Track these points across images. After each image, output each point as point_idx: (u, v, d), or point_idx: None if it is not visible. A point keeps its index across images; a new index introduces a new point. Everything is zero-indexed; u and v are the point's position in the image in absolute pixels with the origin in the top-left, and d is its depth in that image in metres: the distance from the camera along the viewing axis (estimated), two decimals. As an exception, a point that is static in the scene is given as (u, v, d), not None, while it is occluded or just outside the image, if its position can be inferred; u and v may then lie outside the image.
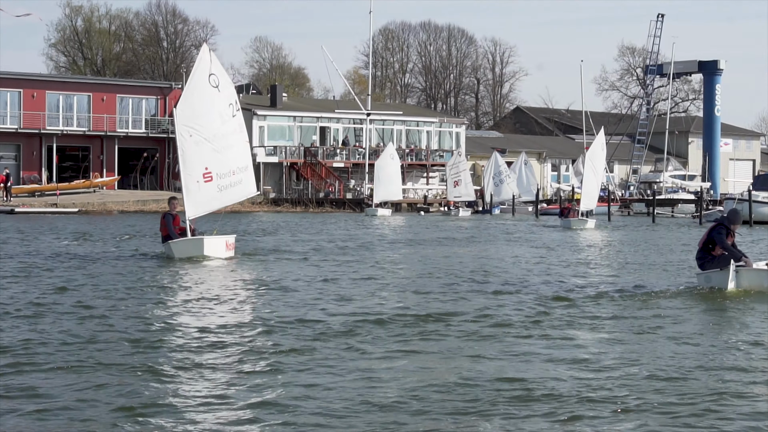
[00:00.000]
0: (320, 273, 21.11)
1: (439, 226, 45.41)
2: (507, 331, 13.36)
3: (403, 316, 14.45)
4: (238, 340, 12.21)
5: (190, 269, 21.43)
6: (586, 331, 13.51)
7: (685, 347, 12.29)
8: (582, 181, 46.07)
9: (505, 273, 21.99)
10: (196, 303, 15.73)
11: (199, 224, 25.16)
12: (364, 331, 12.97)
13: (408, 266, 23.43)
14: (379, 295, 17.02)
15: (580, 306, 16.09)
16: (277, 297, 16.63)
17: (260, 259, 24.71)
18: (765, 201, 52.64)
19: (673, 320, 14.64)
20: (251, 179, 25.22)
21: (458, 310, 15.20)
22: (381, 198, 62.42)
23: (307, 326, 13.32)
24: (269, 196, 70.50)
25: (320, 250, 28.32)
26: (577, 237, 37.25)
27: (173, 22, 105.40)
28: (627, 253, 30.02)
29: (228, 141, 24.37)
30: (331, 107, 79.25)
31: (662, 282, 20.50)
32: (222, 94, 24.46)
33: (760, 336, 13.18)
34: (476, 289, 18.38)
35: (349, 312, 14.70)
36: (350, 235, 37.74)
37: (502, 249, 30.60)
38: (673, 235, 42.16)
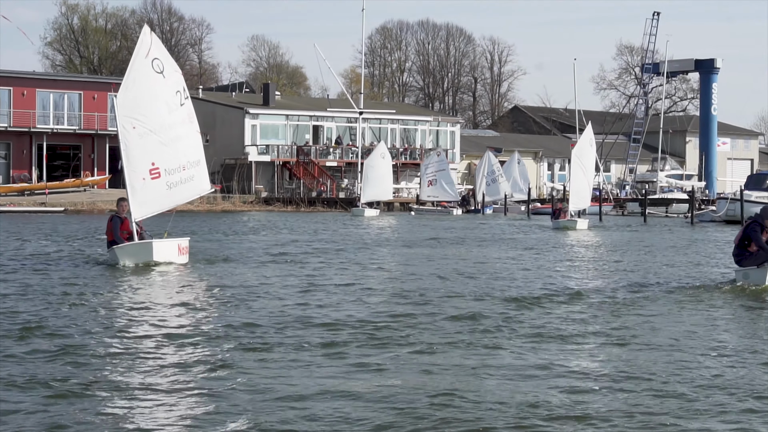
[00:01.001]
0: (278, 279, 19.62)
1: (425, 227, 44.68)
2: (470, 339, 12.83)
3: (360, 323, 13.91)
4: (177, 358, 11.19)
5: (135, 277, 19.51)
6: (555, 341, 12.98)
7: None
8: (570, 180, 44.46)
9: (471, 279, 21.43)
10: (135, 314, 14.45)
11: (150, 226, 23.36)
12: (318, 341, 12.26)
13: (373, 272, 22.12)
14: (337, 304, 16.06)
15: (552, 311, 15.58)
16: (228, 307, 15.40)
17: (216, 264, 22.79)
18: (757, 201, 51.96)
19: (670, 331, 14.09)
20: (204, 175, 23.06)
21: (413, 322, 14.63)
22: (369, 198, 60.87)
23: (257, 336, 12.52)
24: (261, 196, 70.00)
25: (286, 253, 26.54)
26: (561, 239, 36.45)
27: (169, 21, 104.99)
28: (606, 257, 29.43)
29: (176, 132, 22.12)
30: (325, 106, 78.75)
31: (627, 290, 19.94)
32: (168, 80, 22.22)
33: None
34: (434, 297, 17.82)
35: (302, 322, 13.80)
36: (329, 237, 37.17)
37: (475, 251, 30.01)
38: (661, 236, 41.59)
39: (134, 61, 22.18)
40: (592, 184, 46.15)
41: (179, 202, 22.99)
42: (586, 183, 44.57)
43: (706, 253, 29.88)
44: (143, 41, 22.33)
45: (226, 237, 35.22)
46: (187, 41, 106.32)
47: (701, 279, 21.21)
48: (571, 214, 44.08)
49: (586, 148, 44.77)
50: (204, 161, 23.22)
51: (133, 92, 21.90)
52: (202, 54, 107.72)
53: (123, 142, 21.68)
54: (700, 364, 11.36)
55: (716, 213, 53.70)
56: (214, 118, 75.27)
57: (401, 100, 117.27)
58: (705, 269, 24.06)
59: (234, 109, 74.32)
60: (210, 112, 75.56)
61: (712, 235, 42.16)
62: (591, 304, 16.62)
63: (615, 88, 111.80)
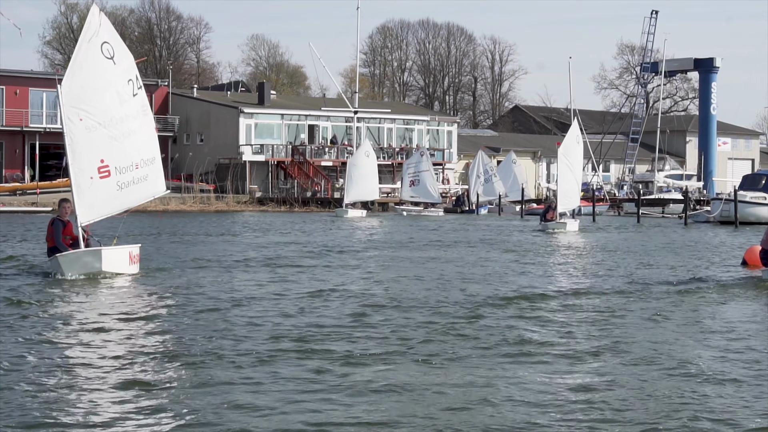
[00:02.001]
0: (237, 290, 17.98)
1: (409, 228, 43.96)
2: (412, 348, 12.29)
3: (322, 332, 13.41)
4: (120, 378, 10.18)
5: (80, 290, 17.29)
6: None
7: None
8: (557, 180, 42.90)
9: (440, 284, 20.91)
10: (76, 332, 13.08)
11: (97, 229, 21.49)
12: (275, 355, 11.62)
13: (337, 280, 20.46)
14: (298, 314, 15.13)
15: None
16: (176, 323, 14.02)
17: (170, 273, 20.74)
18: (753, 201, 51.38)
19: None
20: (159, 174, 20.69)
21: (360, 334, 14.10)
22: (354, 198, 59.06)
23: (208, 355, 11.51)
24: (255, 196, 69.50)
25: (250, 259, 24.73)
26: (546, 241, 35.55)
27: (167, 20, 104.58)
28: (582, 262, 28.88)
29: (129, 126, 19.85)
30: (321, 105, 78.22)
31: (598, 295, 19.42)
32: (119, 67, 19.83)
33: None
34: (401, 305, 17.32)
35: (256, 337, 12.80)
36: (306, 240, 36.67)
37: (449, 254, 29.44)
38: (650, 237, 41.03)
39: (81, 44, 19.58)
40: (580, 183, 44.62)
41: (131, 205, 20.54)
42: (574, 182, 42.94)
43: (690, 255, 29.29)
44: (91, 23, 19.70)
45: (207, 238, 34.74)
46: (186, 40, 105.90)
47: (672, 281, 20.69)
48: (559, 215, 42.54)
49: (572, 145, 43.01)
50: (159, 159, 20.92)
51: (79, 79, 19.44)
52: (200, 53, 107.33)
53: (68, 136, 19.27)
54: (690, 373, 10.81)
55: (711, 214, 53.08)
56: (208, 117, 74.86)
57: (402, 100, 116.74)
58: (676, 272, 23.51)
59: (229, 109, 73.83)
60: (204, 111, 75.20)
61: (703, 236, 41.54)
62: (555, 310, 16.11)
63: (616, 88, 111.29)
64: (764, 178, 53.49)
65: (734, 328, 14.48)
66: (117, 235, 21.14)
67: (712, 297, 18.33)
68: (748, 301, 18.04)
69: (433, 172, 63.89)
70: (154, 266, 21.88)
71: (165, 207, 64.50)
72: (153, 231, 37.73)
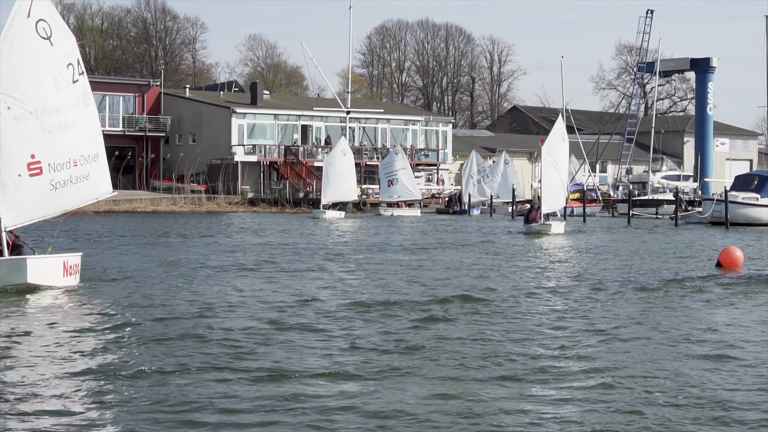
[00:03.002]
0: (184, 303, 16.34)
1: (385, 230, 43.02)
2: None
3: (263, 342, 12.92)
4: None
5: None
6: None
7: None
8: (541, 180, 41.41)
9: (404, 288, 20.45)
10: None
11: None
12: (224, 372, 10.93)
13: (299, 288, 19.25)
14: (247, 327, 14.14)
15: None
16: (103, 345, 12.42)
17: (115, 285, 18.59)
18: (744, 202, 50.75)
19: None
20: (104, 173, 18.28)
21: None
22: (331, 198, 57.26)
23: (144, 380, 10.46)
24: (247, 196, 69.01)
25: (210, 266, 23.25)
26: (526, 244, 34.68)
27: (163, 20, 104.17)
28: (559, 267, 28.38)
29: (66, 117, 17.50)
30: (314, 106, 77.70)
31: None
32: (57, 49, 17.53)
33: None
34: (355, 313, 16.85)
35: (199, 358, 11.62)
36: (279, 242, 36.22)
37: (419, 257, 28.96)
38: (638, 239, 40.49)
39: (12, 21, 17.22)
40: (566, 182, 43.06)
41: (68, 208, 18.09)
42: (559, 181, 41.28)
43: (668, 257, 28.77)
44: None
45: (182, 240, 34.35)
46: (182, 41, 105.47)
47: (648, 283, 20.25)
48: (545, 217, 40.69)
49: (557, 143, 41.21)
50: (104, 156, 18.46)
51: (8, 61, 17.07)
52: (196, 53, 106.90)
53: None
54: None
55: (702, 214, 52.46)
56: (200, 117, 74.41)
57: (400, 101, 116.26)
58: (648, 275, 23.00)
59: (221, 109, 73.35)
60: (197, 111, 74.75)
61: (690, 237, 40.93)
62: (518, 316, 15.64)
63: (614, 88, 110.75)
64: (757, 179, 52.83)
65: (696, 331, 14.02)
66: (51, 242, 18.85)
67: (682, 300, 17.91)
68: (717, 304, 17.57)
69: (410, 169, 63.06)
70: (99, 277, 19.79)
71: (155, 208, 64.17)
72: (122, 234, 37.32)
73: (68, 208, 18.10)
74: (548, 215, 41.22)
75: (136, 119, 73.60)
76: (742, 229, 47.34)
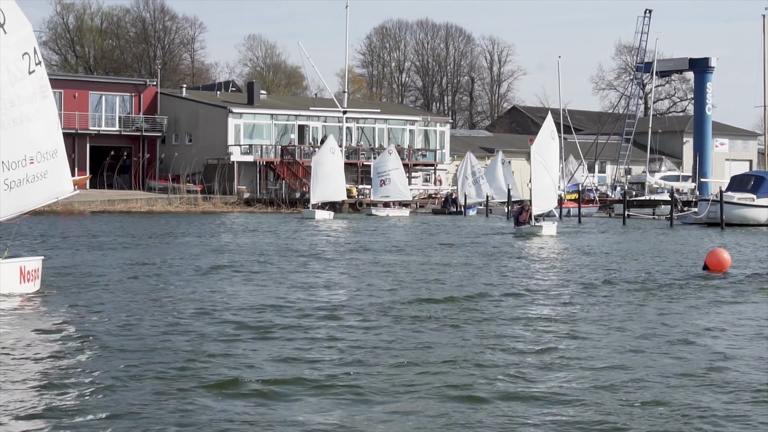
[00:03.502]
0: (143, 309, 15.56)
1: (374, 231, 42.64)
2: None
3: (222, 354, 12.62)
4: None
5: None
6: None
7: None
8: (531, 180, 40.39)
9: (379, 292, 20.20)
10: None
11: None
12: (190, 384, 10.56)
13: (272, 292, 18.57)
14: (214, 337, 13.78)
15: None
16: (63, 357, 11.63)
17: (77, 293, 17.35)
18: (740, 202, 50.46)
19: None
20: (64, 171, 17.06)
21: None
22: (320, 198, 56.70)
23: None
24: (243, 196, 68.77)
25: (174, 270, 22.19)
26: (515, 247, 34.05)
27: (162, 20, 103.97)
28: (543, 266, 28.09)
29: (22, 111, 16.27)
30: (315, 106, 77.45)
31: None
32: (11, 37, 16.26)
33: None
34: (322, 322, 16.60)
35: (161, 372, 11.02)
36: (265, 242, 35.99)
37: (395, 258, 28.68)
38: (631, 240, 40.21)
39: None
40: (557, 182, 41.83)
41: (25, 208, 16.79)
42: (550, 181, 39.58)
43: (658, 259, 28.52)
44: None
45: (163, 241, 34.11)
46: (180, 40, 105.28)
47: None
48: (535, 219, 39.31)
49: (546, 142, 39.73)
50: (63, 152, 17.14)
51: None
52: (194, 53, 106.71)
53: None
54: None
55: (698, 215, 52.17)
56: (197, 117, 74.18)
57: (400, 101, 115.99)
58: (635, 275, 22.75)
59: (217, 108, 73.12)
60: (193, 111, 74.53)
61: (684, 238, 40.67)
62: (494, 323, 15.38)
63: (614, 88, 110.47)
64: (753, 179, 52.49)
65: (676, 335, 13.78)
66: (7, 246, 17.28)
67: (660, 303, 17.68)
68: (699, 308, 17.32)
69: (402, 169, 62.59)
70: (63, 282, 18.69)
71: (150, 208, 63.95)
72: (105, 235, 37.09)
73: (25, 209, 16.83)
74: (540, 216, 40.25)
75: (133, 119, 73.39)
76: (738, 230, 47.06)
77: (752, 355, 12.45)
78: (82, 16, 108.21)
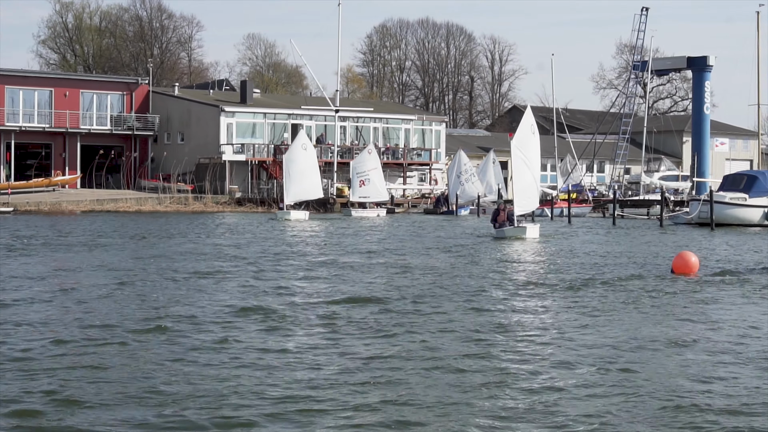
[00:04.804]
0: (78, 318, 14.79)
1: (348, 232, 41.78)
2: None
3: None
4: None
5: None
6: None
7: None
8: (512, 178, 38.07)
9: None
10: None
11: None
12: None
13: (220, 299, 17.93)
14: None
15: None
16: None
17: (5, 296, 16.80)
18: (732, 202, 49.63)
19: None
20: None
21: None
22: (294, 197, 54.55)
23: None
24: (234, 196, 68.13)
25: (111, 274, 21.30)
26: (491, 251, 32.71)
27: (159, 18, 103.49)
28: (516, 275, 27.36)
29: None
30: (307, 104, 76.82)
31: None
32: None
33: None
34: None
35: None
36: (228, 245, 35.35)
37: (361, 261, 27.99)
38: (616, 241, 39.41)
39: None
40: (539, 180, 38.35)
41: None
42: (531, 179, 36.71)
43: (631, 262, 27.78)
44: None
45: (128, 242, 33.56)
46: (178, 39, 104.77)
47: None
48: (517, 220, 36.79)
49: (527, 137, 37.00)
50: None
51: None
52: (192, 52, 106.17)
53: None
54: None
55: (689, 215, 51.35)
56: (189, 116, 73.60)
57: (401, 100, 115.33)
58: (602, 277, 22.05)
59: (210, 107, 72.51)
60: (185, 109, 73.96)
61: (670, 239, 39.81)
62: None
63: (615, 88, 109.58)
64: (745, 179, 51.60)
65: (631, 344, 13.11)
66: None
67: (614, 308, 17.05)
68: (655, 313, 16.66)
69: (381, 169, 61.60)
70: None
71: (140, 208, 63.33)
72: (66, 234, 36.54)
73: None
74: (522, 217, 38.46)
75: (124, 118, 72.84)
76: (728, 230, 46.22)
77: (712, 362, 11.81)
78: (81, 15, 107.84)
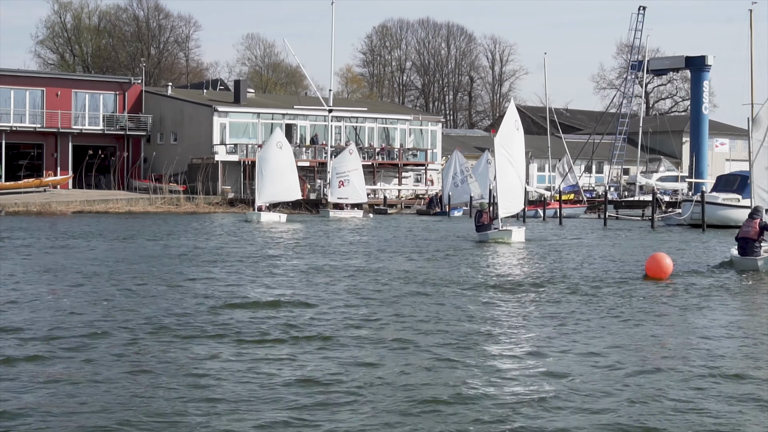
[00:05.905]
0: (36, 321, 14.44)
1: (321, 234, 41.12)
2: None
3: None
4: None
5: None
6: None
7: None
8: (495, 177, 36.36)
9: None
10: None
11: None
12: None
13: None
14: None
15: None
16: None
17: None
18: (724, 203, 48.91)
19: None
20: None
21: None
22: (268, 198, 52.85)
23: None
24: (227, 197, 67.54)
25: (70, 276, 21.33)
26: (470, 257, 31.56)
27: (156, 18, 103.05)
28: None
29: None
30: (300, 104, 76.25)
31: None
32: None
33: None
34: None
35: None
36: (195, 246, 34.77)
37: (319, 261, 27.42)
38: (601, 243, 38.78)
39: None
40: (524, 180, 36.56)
41: None
42: (516, 179, 34.78)
43: (609, 266, 27.15)
44: None
45: (96, 244, 33.05)
46: (175, 39, 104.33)
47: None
48: (501, 222, 34.95)
49: (510, 133, 34.66)
50: None
51: None
52: (189, 52, 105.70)
53: None
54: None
55: (681, 216, 50.66)
56: (182, 116, 73.06)
57: (401, 100, 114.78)
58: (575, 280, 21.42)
59: (203, 107, 71.95)
60: (178, 109, 73.43)
61: (657, 241, 39.16)
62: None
63: (615, 88, 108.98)
64: (739, 179, 50.84)
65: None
66: None
67: (582, 313, 16.47)
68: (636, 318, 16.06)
69: (361, 170, 60.74)
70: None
71: (131, 208, 62.78)
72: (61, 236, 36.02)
73: None
74: (507, 219, 37.10)
75: (117, 118, 72.32)
76: (719, 231, 45.48)
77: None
78: (79, 15, 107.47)
